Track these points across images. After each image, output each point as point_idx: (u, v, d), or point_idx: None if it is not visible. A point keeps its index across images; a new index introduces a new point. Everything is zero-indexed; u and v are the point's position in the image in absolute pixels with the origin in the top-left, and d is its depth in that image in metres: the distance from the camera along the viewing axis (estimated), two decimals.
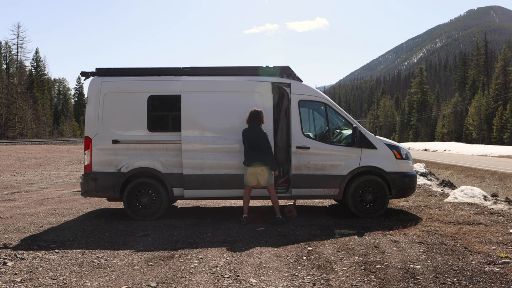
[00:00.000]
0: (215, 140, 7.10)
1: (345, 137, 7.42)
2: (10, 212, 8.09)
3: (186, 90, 7.15)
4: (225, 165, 7.09)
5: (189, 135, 7.07)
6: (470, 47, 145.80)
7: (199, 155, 7.05)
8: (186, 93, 7.14)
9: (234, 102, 7.18)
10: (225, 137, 7.12)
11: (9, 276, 4.40)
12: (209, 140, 7.10)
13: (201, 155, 7.05)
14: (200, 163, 7.06)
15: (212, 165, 7.08)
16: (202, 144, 7.07)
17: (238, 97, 7.21)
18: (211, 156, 7.07)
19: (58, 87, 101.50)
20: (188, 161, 7.03)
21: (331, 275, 4.37)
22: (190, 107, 7.11)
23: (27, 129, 63.03)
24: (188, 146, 7.03)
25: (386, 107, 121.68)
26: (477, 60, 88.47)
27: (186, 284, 4.16)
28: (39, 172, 17.47)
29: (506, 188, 16.18)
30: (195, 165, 7.06)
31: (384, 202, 7.32)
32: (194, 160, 7.04)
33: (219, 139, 7.10)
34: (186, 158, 7.03)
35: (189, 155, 7.04)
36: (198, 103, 7.14)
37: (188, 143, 7.04)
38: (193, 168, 7.05)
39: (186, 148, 7.02)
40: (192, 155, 7.04)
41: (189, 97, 7.13)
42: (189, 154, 7.04)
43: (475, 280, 4.17)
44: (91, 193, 7.29)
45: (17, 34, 75.05)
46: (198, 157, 7.05)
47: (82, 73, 7.45)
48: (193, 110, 7.11)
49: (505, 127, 67.22)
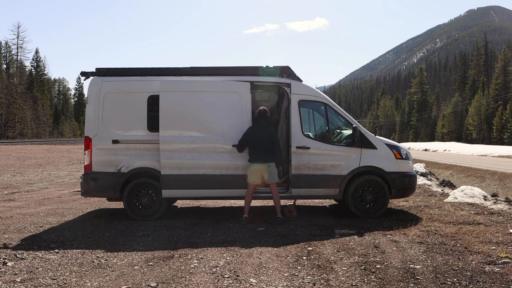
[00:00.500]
0: (193, 140, 7.08)
1: (345, 137, 7.42)
2: (10, 212, 8.09)
3: (164, 90, 7.10)
4: (203, 165, 7.07)
5: (167, 135, 7.03)
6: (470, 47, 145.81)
7: (177, 155, 7.02)
8: (164, 93, 7.08)
9: (213, 102, 7.15)
10: (203, 137, 7.10)
11: (9, 276, 4.40)
12: (187, 140, 7.07)
13: (179, 155, 7.02)
14: (178, 163, 7.02)
15: (190, 165, 7.06)
16: (180, 144, 7.04)
17: (217, 97, 7.17)
18: (189, 156, 7.04)
19: (58, 87, 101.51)
20: (166, 161, 7.00)
21: (331, 275, 4.37)
22: (168, 107, 7.06)
23: (27, 129, 63.03)
24: (166, 146, 7.00)
25: (386, 107, 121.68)
26: (477, 60, 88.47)
27: (186, 284, 4.16)
28: (39, 172, 17.47)
29: (506, 188, 16.18)
30: (173, 165, 7.03)
31: (384, 202, 7.32)
32: (172, 160, 7.01)
33: (197, 139, 7.08)
34: (164, 158, 6.99)
35: (167, 155, 7.00)
36: (176, 103, 7.09)
37: (166, 143, 7.00)
38: (171, 168, 7.02)
39: (164, 148, 6.99)
40: (170, 155, 7.00)
41: (167, 97, 7.08)
42: (167, 154, 7.00)
43: (475, 280, 4.17)
44: (91, 193, 7.29)
45: (17, 34, 75.13)
46: (176, 157, 7.02)
47: (82, 73, 7.45)
48: (171, 110, 7.07)
49: (505, 127, 67.22)
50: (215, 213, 8.02)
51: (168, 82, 7.18)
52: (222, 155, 7.07)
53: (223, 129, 7.09)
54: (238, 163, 7.06)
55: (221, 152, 7.06)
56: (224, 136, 7.07)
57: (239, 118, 7.10)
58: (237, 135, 7.01)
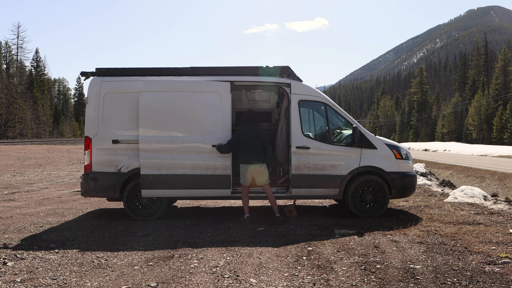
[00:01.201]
0: (172, 140, 7.06)
1: (345, 137, 7.42)
2: (10, 212, 8.09)
3: (144, 90, 7.08)
4: (182, 165, 7.06)
5: (146, 135, 7.02)
6: (470, 47, 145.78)
7: (156, 155, 7.01)
8: (144, 93, 7.06)
9: (192, 102, 7.13)
10: (182, 137, 7.08)
11: (9, 276, 4.40)
12: (166, 140, 7.05)
13: (158, 155, 7.01)
14: (157, 163, 7.01)
15: (169, 165, 7.04)
16: (159, 144, 7.02)
17: (196, 97, 7.15)
18: (168, 156, 7.03)
19: (58, 87, 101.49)
20: (145, 161, 6.98)
21: (331, 275, 4.37)
22: (147, 106, 7.03)
23: (27, 129, 63.02)
24: (145, 146, 6.98)
25: (386, 107, 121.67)
26: (477, 60, 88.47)
27: (186, 284, 4.16)
28: (39, 172, 17.47)
29: (506, 188, 16.18)
30: (152, 165, 7.01)
31: (384, 202, 7.32)
32: (151, 160, 6.99)
33: (177, 139, 7.07)
34: (143, 158, 6.98)
35: (146, 155, 6.99)
36: (156, 103, 7.07)
37: (145, 143, 6.99)
38: (150, 168, 7.00)
39: (143, 148, 6.97)
40: (149, 155, 6.99)
41: (147, 97, 7.06)
42: (146, 154, 6.99)
43: (475, 280, 4.17)
44: (91, 193, 7.29)
45: (17, 34, 75.11)
46: (155, 157, 7.00)
47: (82, 73, 7.45)
48: (151, 110, 7.05)
49: (505, 127, 67.21)
50: (215, 213, 8.02)
51: (148, 82, 7.17)
52: (201, 155, 7.05)
53: (203, 129, 7.08)
54: (217, 163, 7.05)
55: (201, 152, 7.05)
56: (203, 136, 7.06)
57: (219, 118, 7.09)
58: (217, 135, 7.03)
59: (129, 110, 7.22)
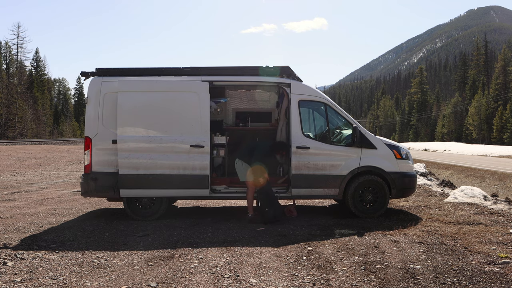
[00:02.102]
0: (151, 139, 7.04)
1: (345, 137, 7.42)
2: (10, 212, 8.09)
3: (121, 90, 7.06)
4: (161, 165, 7.04)
5: (124, 135, 7.01)
6: (470, 47, 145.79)
7: (134, 154, 7.00)
8: (122, 93, 7.05)
9: (171, 102, 7.12)
10: (160, 137, 7.06)
11: (9, 276, 4.40)
12: (144, 140, 7.03)
13: (136, 154, 7.00)
14: (135, 162, 7.00)
15: (147, 165, 7.03)
16: (137, 143, 7.01)
17: (175, 97, 7.14)
18: (146, 156, 7.02)
19: (58, 87, 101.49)
20: (123, 161, 6.97)
21: (331, 275, 4.37)
22: (125, 106, 7.02)
23: (27, 129, 63.03)
24: (123, 146, 6.97)
25: (386, 107, 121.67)
26: (477, 60, 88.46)
27: (186, 284, 4.16)
28: (39, 172, 17.47)
29: (506, 188, 16.18)
30: (130, 165, 7.00)
31: (384, 202, 7.32)
32: (129, 159, 6.98)
33: (155, 139, 7.05)
34: (121, 158, 6.97)
35: (124, 154, 6.98)
36: (134, 103, 7.07)
37: (123, 143, 6.98)
38: (128, 167, 6.99)
39: (121, 148, 6.96)
40: (127, 154, 6.98)
41: (125, 96, 7.04)
42: (124, 154, 6.98)
43: (475, 280, 4.18)
44: (91, 193, 7.29)
45: (17, 34, 75.11)
46: (133, 156, 6.99)
47: (82, 73, 7.45)
48: (129, 109, 7.04)
49: (505, 127, 67.21)
50: (215, 213, 8.02)
51: (126, 82, 7.14)
52: (179, 155, 7.04)
53: (181, 129, 7.07)
54: (195, 163, 7.05)
55: (179, 152, 7.03)
56: (181, 136, 7.05)
57: (197, 118, 7.08)
58: (195, 135, 7.03)
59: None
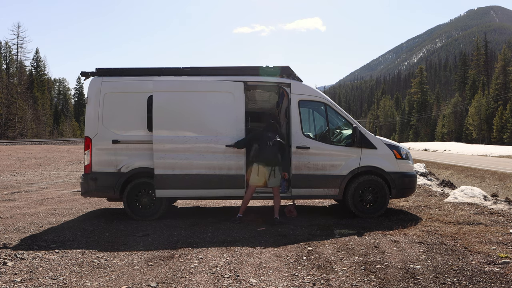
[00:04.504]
0: (186, 140, 7.05)
1: (345, 137, 7.42)
2: (10, 212, 8.09)
3: (157, 90, 7.08)
4: (197, 165, 7.05)
5: (160, 135, 7.01)
6: (470, 47, 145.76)
7: (170, 155, 7.01)
8: (157, 93, 7.06)
9: (206, 102, 7.13)
10: (196, 137, 7.08)
11: (9, 276, 4.40)
12: (180, 140, 7.05)
13: (172, 155, 7.01)
14: (171, 163, 7.01)
15: (183, 165, 7.04)
16: (173, 144, 7.02)
17: (210, 97, 7.15)
18: (182, 156, 7.03)
19: (58, 87, 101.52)
20: (159, 161, 6.98)
21: (331, 275, 4.37)
22: (161, 107, 7.03)
23: (27, 129, 63.03)
24: (159, 146, 6.98)
25: (386, 107, 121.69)
26: (477, 60, 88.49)
27: (186, 284, 4.16)
28: (39, 172, 17.46)
29: (506, 188, 16.18)
30: (166, 165, 7.01)
31: (384, 202, 7.32)
32: (165, 160, 6.99)
33: (190, 139, 7.06)
34: (157, 158, 6.98)
35: (160, 155, 6.99)
36: (169, 103, 7.07)
37: (159, 143, 6.99)
38: (164, 168, 7.00)
39: (157, 148, 6.98)
40: (163, 155, 6.99)
41: (160, 97, 7.06)
42: (160, 154, 6.99)
43: (475, 280, 4.17)
44: (91, 193, 7.29)
45: (17, 34, 75.22)
46: (169, 157, 7.00)
47: (82, 73, 7.45)
48: (164, 110, 7.05)
49: (505, 127, 67.21)
50: (215, 213, 8.02)
51: (161, 82, 7.16)
52: (215, 155, 7.05)
53: (217, 129, 7.08)
54: (231, 163, 7.05)
55: (214, 152, 7.04)
56: (217, 136, 7.05)
57: (233, 118, 7.09)
58: (231, 135, 7.02)
59: (129, 110, 7.23)
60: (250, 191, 6.97)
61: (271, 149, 6.81)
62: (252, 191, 6.98)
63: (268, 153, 6.84)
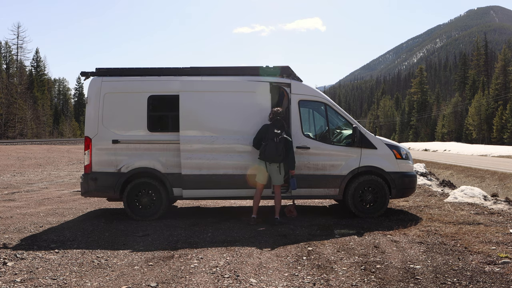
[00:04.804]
0: (213, 140, 7.10)
1: (345, 137, 7.42)
2: (10, 212, 8.09)
3: (184, 90, 7.13)
4: (224, 165, 7.09)
5: (187, 135, 7.06)
6: (470, 47, 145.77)
7: (197, 155, 7.05)
8: (185, 93, 7.12)
9: (233, 102, 7.19)
10: (223, 137, 7.11)
11: (9, 276, 4.40)
12: (207, 140, 7.09)
13: (199, 155, 7.05)
14: (198, 163, 7.05)
15: (210, 165, 7.08)
16: (200, 144, 7.07)
17: (237, 97, 7.21)
18: (209, 156, 7.07)
19: (58, 87, 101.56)
20: (186, 161, 7.03)
21: (331, 275, 4.37)
22: (188, 107, 7.10)
23: (27, 129, 63.04)
24: (186, 146, 7.03)
25: (386, 107, 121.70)
26: (477, 60, 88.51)
27: (186, 284, 4.16)
28: (39, 172, 17.46)
29: (506, 188, 16.19)
30: (194, 165, 7.06)
31: (384, 202, 7.32)
32: (192, 160, 7.04)
33: (218, 139, 7.10)
34: (184, 158, 7.02)
35: (187, 155, 7.03)
36: (196, 103, 7.14)
37: (186, 143, 7.03)
38: (191, 168, 7.05)
39: (184, 148, 7.02)
40: (190, 155, 7.04)
41: (188, 97, 7.12)
42: (187, 154, 7.03)
43: (475, 280, 4.17)
44: (91, 193, 7.29)
45: (17, 34, 75.21)
46: (196, 157, 7.05)
47: (82, 73, 7.45)
48: (191, 110, 7.11)
49: (505, 127, 67.21)
50: (215, 213, 8.02)
51: (189, 83, 7.22)
52: (242, 155, 7.09)
53: (244, 129, 7.11)
54: None
55: (242, 152, 7.08)
56: (244, 136, 7.09)
57: (259, 118, 7.11)
58: None
59: (129, 110, 7.23)
60: (259, 190, 6.94)
61: (277, 145, 6.75)
62: (260, 190, 6.95)
63: (274, 149, 6.74)
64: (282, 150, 6.68)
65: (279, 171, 6.80)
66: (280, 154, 6.69)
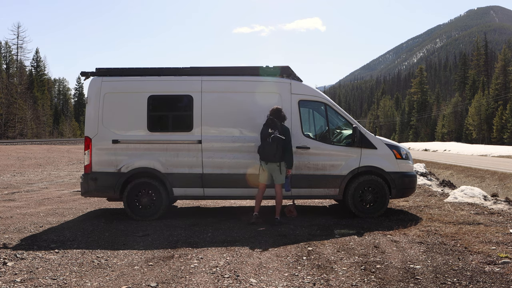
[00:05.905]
0: (234, 139, 7.15)
1: (345, 137, 7.42)
2: (10, 212, 8.09)
3: (206, 91, 7.20)
4: (244, 164, 7.11)
5: (209, 135, 7.12)
6: (470, 47, 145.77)
7: (219, 154, 7.10)
8: (206, 94, 7.19)
9: (254, 102, 7.23)
10: (244, 137, 7.17)
11: (9, 276, 4.40)
12: (228, 140, 7.15)
13: (221, 154, 7.11)
14: (220, 162, 7.11)
15: (231, 164, 7.13)
16: (221, 143, 7.13)
17: (257, 98, 7.26)
18: (230, 155, 7.12)
19: (58, 87, 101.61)
20: (207, 160, 7.10)
21: (331, 275, 4.37)
22: (209, 106, 7.16)
23: (27, 129, 63.06)
24: (208, 146, 7.10)
25: (386, 107, 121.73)
26: (477, 60, 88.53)
27: (186, 284, 4.16)
28: (39, 172, 17.46)
29: (506, 188, 16.19)
30: (215, 164, 7.11)
31: (384, 202, 7.32)
32: (213, 159, 7.10)
33: (239, 139, 7.16)
34: (205, 157, 7.09)
35: (208, 154, 7.09)
36: (217, 103, 7.20)
37: (208, 143, 7.10)
38: (212, 167, 7.11)
39: (205, 148, 7.10)
40: (212, 154, 7.11)
41: (209, 97, 7.20)
42: (208, 153, 7.10)
43: (475, 280, 4.18)
44: (91, 193, 7.29)
45: (17, 34, 75.29)
46: (217, 156, 7.11)
47: (82, 73, 7.45)
48: (212, 110, 7.18)
49: (505, 127, 67.22)
50: (215, 213, 8.02)
51: (210, 83, 7.29)
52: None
53: None
54: None
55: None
56: None
57: None
58: None
59: (129, 110, 7.24)
60: (261, 189, 6.95)
61: (271, 145, 6.75)
62: (262, 190, 6.95)
63: (268, 149, 6.75)
64: (276, 149, 6.65)
65: (279, 170, 6.80)
66: (275, 154, 6.67)
